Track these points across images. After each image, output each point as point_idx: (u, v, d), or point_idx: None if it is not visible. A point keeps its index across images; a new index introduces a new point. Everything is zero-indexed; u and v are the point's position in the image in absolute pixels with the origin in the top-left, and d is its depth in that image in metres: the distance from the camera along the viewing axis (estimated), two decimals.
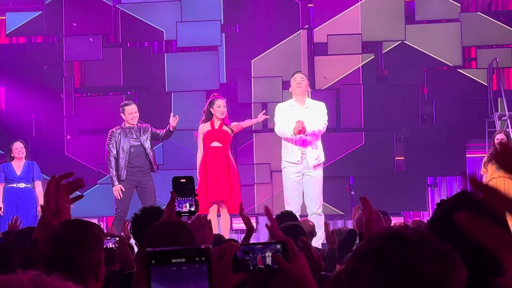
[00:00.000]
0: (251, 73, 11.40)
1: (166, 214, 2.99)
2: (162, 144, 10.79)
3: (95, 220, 10.06)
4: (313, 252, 3.10)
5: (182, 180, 3.07)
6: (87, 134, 11.59)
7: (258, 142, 11.27)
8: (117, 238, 4.51)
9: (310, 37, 11.57)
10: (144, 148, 9.39)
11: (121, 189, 9.26)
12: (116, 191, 9.28)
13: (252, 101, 11.30)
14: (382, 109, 11.18)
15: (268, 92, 11.21)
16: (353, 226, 7.20)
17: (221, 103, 9.08)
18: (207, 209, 8.75)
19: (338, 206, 10.88)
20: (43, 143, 11.39)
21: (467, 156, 11.10)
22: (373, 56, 11.43)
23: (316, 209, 8.86)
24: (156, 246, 1.76)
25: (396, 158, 11.14)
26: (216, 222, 8.73)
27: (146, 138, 9.41)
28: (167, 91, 11.53)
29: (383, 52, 11.42)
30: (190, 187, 3.08)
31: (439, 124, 11.19)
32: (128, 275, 3.94)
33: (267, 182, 11.05)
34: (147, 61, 11.64)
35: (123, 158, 9.30)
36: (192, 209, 3.05)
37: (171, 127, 9.37)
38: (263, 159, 11.11)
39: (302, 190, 8.93)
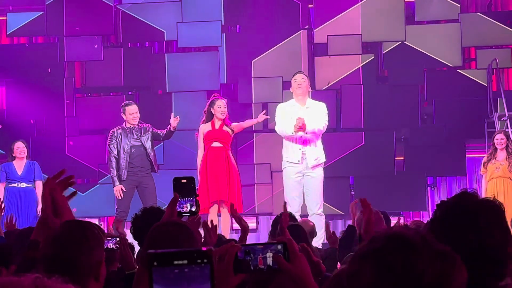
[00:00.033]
0: (252, 73, 11.40)
1: (167, 214, 2.98)
2: (162, 144, 10.80)
3: (96, 220, 10.08)
4: (313, 257, 3.13)
5: (183, 181, 3.06)
6: (88, 134, 11.58)
7: (258, 142, 11.27)
8: (117, 239, 4.51)
9: (310, 37, 11.57)
10: (145, 148, 9.39)
11: (121, 189, 9.26)
12: (117, 191, 9.28)
13: (253, 101, 11.30)
14: (382, 109, 11.19)
15: (268, 93, 11.22)
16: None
17: (221, 104, 9.10)
18: (208, 209, 8.77)
19: (338, 206, 10.88)
20: (44, 143, 11.39)
21: (466, 156, 11.11)
22: (373, 57, 11.43)
23: (316, 209, 8.87)
24: (157, 247, 1.77)
25: (396, 158, 11.15)
26: (216, 222, 8.74)
27: (146, 138, 9.41)
28: (167, 91, 11.55)
29: (383, 52, 11.42)
30: (191, 187, 3.06)
31: (439, 124, 11.19)
32: (129, 276, 3.95)
33: (268, 182, 11.06)
34: (147, 61, 11.63)
35: (124, 158, 9.31)
36: (193, 209, 3.05)
37: (172, 127, 9.38)
38: (263, 159, 11.12)
39: (303, 190, 8.93)
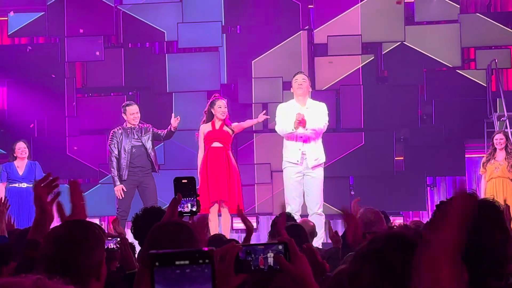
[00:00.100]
0: (252, 73, 11.41)
1: (168, 214, 2.97)
2: (163, 144, 10.82)
3: (97, 220, 10.11)
4: (318, 256, 3.16)
5: (183, 181, 3.07)
6: (89, 134, 11.61)
7: (258, 142, 11.29)
8: (118, 239, 4.52)
9: (310, 38, 11.59)
10: (146, 149, 9.41)
11: (122, 189, 9.27)
12: (118, 191, 9.30)
13: (253, 101, 11.31)
14: (381, 109, 11.20)
15: (268, 93, 11.23)
16: None
17: (222, 104, 9.12)
18: (208, 209, 8.79)
19: (338, 206, 10.86)
20: (45, 143, 11.41)
21: (466, 156, 11.12)
22: (373, 57, 11.44)
23: (316, 209, 8.88)
24: (157, 246, 1.79)
25: (395, 158, 11.16)
26: (217, 222, 8.78)
27: (147, 138, 9.44)
28: (168, 91, 11.57)
29: (383, 53, 11.42)
30: (192, 187, 3.07)
31: (438, 124, 11.20)
32: (129, 275, 3.97)
33: (268, 182, 11.07)
34: (148, 61, 11.64)
35: (125, 158, 9.33)
36: (194, 209, 3.06)
37: (173, 128, 9.40)
38: (263, 159, 11.14)
39: (303, 190, 8.95)
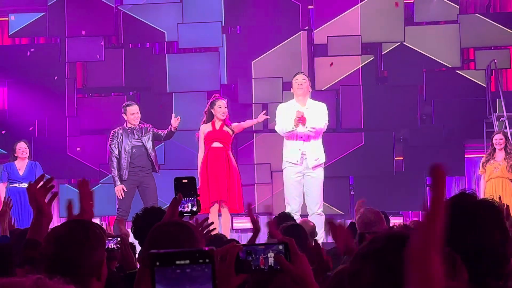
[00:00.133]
0: (252, 74, 11.43)
1: (169, 214, 2.96)
2: (163, 144, 10.84)
3: (97, 220, 10.13)
4: (324, 255, 3.20)
5: (184, 181, 3.07)
6: (89, 134, 11.64)
7: (258, 142, 11.31)
8: (118, 239, 4.53)
9: (310, 38, 11.61)
10: (146, 149, 9.43)
11: (123, 189, 9.30)
12: (118, 191, 9.33)
13: (253, 101, 11.33)
14: (381, 109, 11.21)
15: (268, 93, 11.25)
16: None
17: (222, 104, 9.15)
18: (208, 209, 8.82)
19: (338, 206, 10.93)
20: (46, 143, 11.44)
21: (465, 156, 11.14)
22: (372, 57, 11.46)
23: (316, 209, 8.91)
24: (158, 246, 1.78)
25: (395, 158, 11.18)
26: (217, 222, 8.80)
27: (147, 138, 9.46)
28: (168, 91, 11.60)
29: (383, 53, 11.44)
30: (192, 187, 3.07)
31: (438, 124, 11.22)
32: (130, 275, 3.98)
33: (268, 182, 11.09)
34: (148, 62, 11.65)
35: (125, 158, 9.36)
36: (194, 209, 3.05)
37: (173, 128, 9.42)
38: (263, 159, 11.16)
39: (303, 190, 8.98)
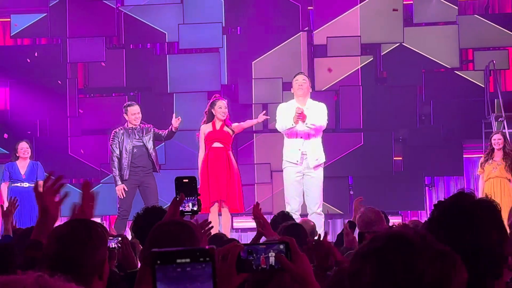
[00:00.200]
0: (252, 74, 11.46)
1: (170, 213, 2.98)
2: (164, 144, 10.87)
3: (98, 219, 10.18)
4: (337, 255, 3.26)
5: (184, 180, 3.10)
6: (91, 134, 11.68)
7: (258, 142, 11.35)
8: (119, 238, 4.57)
9: (310, 39, 11.64)
10: (147, 149, 9.47)
11: (124, 188, 9.34)
12: (119, 190, 9.37)
13: (253, 102, 11.35)
14: (380, 110, 11.24)
15: (268, 93, 11.28)
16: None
17: (222, 104, 9.19)
18: (209, 208, 8.87)
19: (337, 206, 10.97)
20: (47, 143, 11.47)
21: (464, 156, 11.18)
22: (372, 58, 11.50)
23: (316, 208, 8.93)
24: (158, 246, 1.81)
25: (394, 158, 11.21)
26: (217, 221, 8.85)
27: (148, 138, 9.50)
28: (169, 92, 11.64)
29: (382, 54, 11.48)
30: (193, 187, 3.10)
31: (436, 125, 11.24)
32: (130, 274, 4.03)
33: (268, 182, 11.13)
34: (149, 62, 11.67)
35: (126, 158, 9.40)
36: (195, 208, 3.09)
37: (174, 128, 9.45)
38: (263, 159, 11.20)
39: (303, 189, 9.02)
